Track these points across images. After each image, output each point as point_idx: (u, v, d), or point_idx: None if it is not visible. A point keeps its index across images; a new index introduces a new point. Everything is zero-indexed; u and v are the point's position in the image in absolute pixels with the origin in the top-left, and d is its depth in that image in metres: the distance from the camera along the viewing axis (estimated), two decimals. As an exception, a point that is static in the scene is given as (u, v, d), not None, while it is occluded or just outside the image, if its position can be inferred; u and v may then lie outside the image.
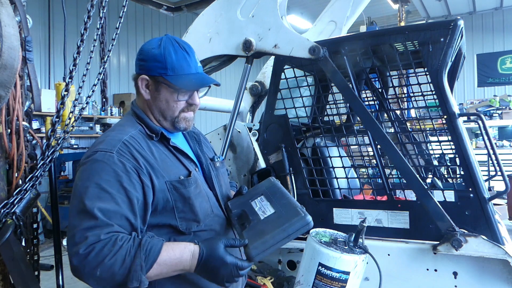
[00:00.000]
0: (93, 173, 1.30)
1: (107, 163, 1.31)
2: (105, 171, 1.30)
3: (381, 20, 11.21)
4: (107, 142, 1.37)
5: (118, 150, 1.34)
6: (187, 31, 2.76)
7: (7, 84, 1.68)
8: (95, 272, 1.20)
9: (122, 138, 1.39)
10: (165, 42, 1.49)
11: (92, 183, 1.28)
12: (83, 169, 1.33)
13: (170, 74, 1.45)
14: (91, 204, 1.25)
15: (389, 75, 2.85)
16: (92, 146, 1.41)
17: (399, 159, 2.25)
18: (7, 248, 1.84)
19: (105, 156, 1.32)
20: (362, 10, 3.60)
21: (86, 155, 1.37)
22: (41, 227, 6.81)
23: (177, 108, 1.49)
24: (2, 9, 1.64)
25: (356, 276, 1.95)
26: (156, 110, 1.51)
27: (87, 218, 1.24)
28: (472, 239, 2.09)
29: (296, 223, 1.39)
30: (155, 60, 1.47)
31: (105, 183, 1.28)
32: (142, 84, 1.50)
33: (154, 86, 1.49)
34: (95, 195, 1.26)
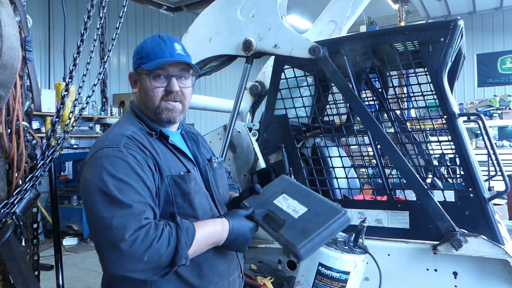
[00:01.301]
0: (107, 167, 1.29)
1: (118, 157, 1.31)
2: (118, 164, 1.30)
3: (381, 20, 11.21)
4: (111, 138, 1.38)
5: (124, 144, 1.35)
6: (187, 31, 2.76)
7: (7, 84, 1.68)
8: (143, 257, 1.20)
9: (125, 133, 1.40)
10: (150, 40, 1.50)
11: (109, 176, 1.27)
12: (94, 166, 1.32)
13: (145, 62, 1.46)
14: (118, 194, 1.25)
15: (389, 75, 2.85)
16: (95, 145, 1.41)
17: (399, 159, 2.26)
18: (7, 248, 1.84)
19: (114, 151, 1.32)
20: (362, 10, 3.60)
21: (91, 153, 1.37)
22: (41, 227, 6.79)
23: (155, 96, 1.46)
24: (2, 9, 1.64)
25: (356, 276, 1.95)
26: (142, 104, 1.51)
27: (120, 207, 1.24)
28: (472, 239, 2.09)
29: (338, 220, 1.40)
30: (137, 53, 1.50)
31: (123, 175, 1.28)
32: (131, 80, 1.53)
33: (137, 78, 1.51)
34: (117, 186, 1.26)
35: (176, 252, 1.24)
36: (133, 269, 1.21)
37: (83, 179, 1.32)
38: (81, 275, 5.42)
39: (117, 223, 1.20)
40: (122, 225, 1.21)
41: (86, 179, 1.30)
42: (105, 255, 1.21)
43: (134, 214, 1.24)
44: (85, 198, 1.29)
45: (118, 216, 1.22)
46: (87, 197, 1.28)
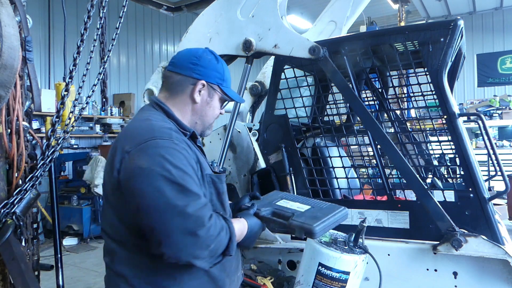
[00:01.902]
0: (167, 157, 1.30)
1: (174, 149, 1.34)
2: (176, 155, 1.33)
3: (381, 20, 11.21)
4: (159, 130, 1.38)
5: (176, 137, 1.39)
6: (187, 31, 2.76)
7: (7, 84, 1.68)
8: (211, 244, 1.29)
9: (172, 128, 1.44)
10: (218, 57, 1.60)
11: (171, 166, 1.29)
12: (149, 154, 1.31)
13: (225, 85, 1.59)
14: (186, 184, 1.29)
15: (389, 75, 2.85)
16: (137, 135, 1.38)
17: (399, 159, 2.25)
18: (7, 248, 1.84)
19: (169, 143, 1.34)
20: (362, 10, 3.60)
21: (135, 142, 1.34)
22: (41, 227, 6.80)
23: (216, 115, 1.61)
24: (2, 9, 1.65)
25: (356, 276, 1.95)
26: (197, 115, 1.56)
27: (191, 196, 1.29)
28: (472, 239, 2.09)
29: (341, 212, 1.62)
30: (216, 70, 1.56)
31: (182, 166, 1.32)
32: (198, 88, 1.53)
33: (208, 92, 1.56)
34: (181, 177, 1.30)
35: (229, 243, 1.35)
36: (199, 256, 1.28)
37: (136, 167, 1.29)
38: (81, 275, 5.42)
39: (192, 211, 1.26)
40: (198, 213, 1.27)
41: (142, 167, 1.28)
42: (175, 241, 1.25)
43: (204, 203, 1.32)
44: (143, 186, 1.27)
45: (192, 205, 1.27)
46: (146, 184, 1.27)
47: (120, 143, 1.38)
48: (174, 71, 1.55)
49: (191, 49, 1.63)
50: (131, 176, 1.30)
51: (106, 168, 1.44)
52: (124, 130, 1.50)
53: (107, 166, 1.42)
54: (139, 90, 9.92)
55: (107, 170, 1.41)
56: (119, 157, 1.34)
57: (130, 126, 1.50)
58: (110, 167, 1.37)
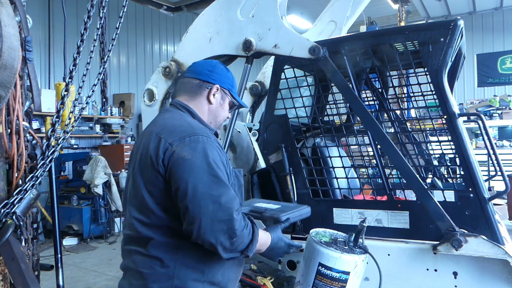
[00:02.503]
0: (207, 152, 1.52)
1: (212, 146, 1.56)
2: (214, 151, 1.55)
3: (381, 20, 11.21)
4: (198, 128, 1.61)
5: (211, 135, 1.63)
6: (187, 31, 2.76)
7: (7, 84, 1.68)
8: (234, 235, 1.46)
9: (206, 127, 1.70)
10: (227, 68, 1.87)
11: (211, 160, 1.51)
12: (192, 148, 1.51)
13: (234, 91, 1.84)
14: (221, 176, 1.51)
15: (389, 75, 2.85)
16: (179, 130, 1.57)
17: (399, 159, 2.25)
18: (7, 248, 1.84)
19: (208, 140, 1.57)
20: (362, 10, 3.60)
21: (178, 136, 1.54)
22: (41, 227, 6.81)
23: (225, 117, 1.86)
24: (2, 9, 1.65)
25: (356, 276, 1.95)
26: (212, 115, 1.80)
27: (224, 188, 1.50)
28: (472, 239, 2.09)
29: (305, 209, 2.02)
30: (227, 77, 1.82)
31: (218, 161, 1.54)
32: (213, 91, 1.77)
33: (221, 96, 1.80)
34: (217, 170, 1.51)
35: (250, 243, 1.52)
36: (222, 243, 1.45)
37: (180, 157, 1.49)
38: (81, 275, 5.42)
39: (224, 202, 1.46)
40: (228, 204, 1.47)
41: (185, 158, 1.49)
42: (205, 225, 1.43)
43: (234, 196, 1.52)
44: (186, 174, 1.47)
45: (224, 196, 1.47)
46: (189, 173, 1.47)
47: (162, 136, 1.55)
48: (193, 76, 1.79)
49: (205, 60, 1.98)
50: (176, 165, 1.49)
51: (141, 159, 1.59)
52: (159, 125, 1.65)
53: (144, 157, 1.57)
54: (139, 90, 9.92)
55: (145, 162, 1.56)
56: (163, 148, 1.52)
57: (166, 122, 1.66)
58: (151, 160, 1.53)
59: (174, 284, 1.52)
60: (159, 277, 1.53)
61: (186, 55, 2.73)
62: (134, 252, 1.58)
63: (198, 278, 1.54)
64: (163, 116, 1.75)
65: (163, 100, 2.79)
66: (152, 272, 1.53)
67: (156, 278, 1.53)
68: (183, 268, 1.53)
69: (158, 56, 10.97)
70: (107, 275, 5.43)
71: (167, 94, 2.79)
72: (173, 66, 2.72)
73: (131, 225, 1.59)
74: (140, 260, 1.56)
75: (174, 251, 1.54)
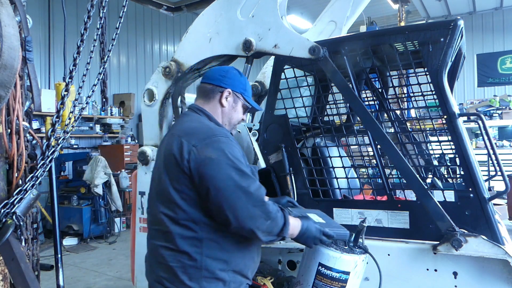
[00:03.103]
0: (230, 151, 1.67)
1: (231, 144, 1.71)
2: (235, 150, 1.70)
3: (381, 20, 11.21)
4: (218, 130, 1.75)
5: (229, 135, 1.78)
6: (187, 31, 2.76)
7: (7, 84, 1.68)
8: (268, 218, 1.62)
9: (224, 129, 1.85)
10: (242, 73, 2.00)
11: (234, 157, 1.66)
12: (215, 148, 1.66)
13: (247, 95, 1.96)
14: (245, 170, 1.66)
15: (389, 75, 2.85)
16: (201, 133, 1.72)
17: (399, 159, 2.25)
18: (7, 248, 1.84)
19: (228, 141, 1.71)
20: (362, 10, 3.59)
21: (201, 138, 1.69)
22: (41, 227, 6.81)
23: (239, 119, 1.98)
24: (2, 9, 1.65)
25: (356, 276, 1.95)
26: (226, 117, 1.93)
27: (251, 180, 1.66)
28: (472, 239, 2.09)
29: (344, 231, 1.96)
30: (239, 82, 1.94)
31: (240, 158, 1.69)
32: (225, 94, 1.90)
33: (233, 99, 1.93)
34: (241, 165, 1.66)
35: (284, 227, 1.68)
36: (260, 227, 1.62)
37: (205, 157, 1.64)
38: (81, 275, 5.42)
39: (253, 190, 1.63)
40: (257, 192, 1.64)
41: (211, 157, 1.64)
42: (241, 214, 1.60)
43: (259, 185, 1.68)
44: (214, 172, 1.62)
45: (252, 186, 1.64)
46: (217, 171, 1.63)
47: (184, 138, 1.69)
48: (206, 82, 1.94)
49: (220, 66, 2.13)
50: (202, 165, 1.63)
51: (165, 159, 1.73)
52: (180, 128, 1.81)
53: (168, 158, 1.71)
54: (139, 90, 9.92)
55: (169, 161, 1.70)
56: (187, 149, 1.66)
57: (186, 125, 1.81)
58: (175, 159, 1.67)
59: (203, 275, 1.66)
60: (188, 269, 1.66)
61: (186, 55, 2.73)
62: (161, 247, 1.71)
63: (223, 268, 1.69)
64: (182, 120, 1.90)
65: (163, 100, 2.79)
66: (181, 265, 1.67)
67: (185, 271, 1.66)
68: (209, 259, 1.67)
69: (158, 56, 10.97)
70: (107, 275, 5.44)
71: (167, 94, 2.79)
72: (173, 66, 2.72)
73: (160, 220, 1.72)
74: (169, 255, 1.69)
75: (198, 245, 1.67)
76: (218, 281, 1.68)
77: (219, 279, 1.68)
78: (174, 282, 1.68)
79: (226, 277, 1.70)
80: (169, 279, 1.69)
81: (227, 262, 1.70)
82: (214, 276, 1.67)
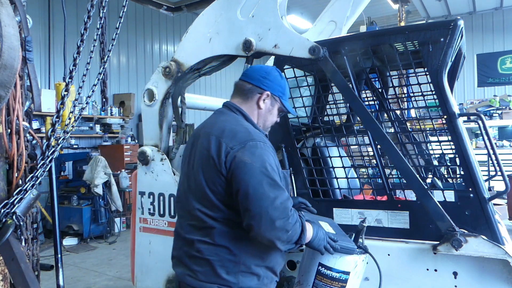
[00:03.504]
0: (265, 158, 1.68)
1: (269, 152, 1.72)
2: (270, 157, 1.71)
3: (381, 20, 11.21)
4: (255, 134, 1.76)
5: (266, 140, 1.78)
6: (187, 31, 2.76)
7: (7, 84, 1.68)
8: (289, 230, 1.62)
9: (262, 132, 1.86)
10: (282, 75, 2.01)
11: (268, 164, 1.67)
12: (252, 153, 1.67)
13: (284, 99, 1.97)
14: (276, 179, 1.66)
15: (389, 75, 2.85)
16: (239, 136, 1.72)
17: (399, 159, 2.25)
18: (7, 248, 1.84)
19: (266, 146, 1.73)
20: (362, 10, 3.60)
21: (239, 141, 1.69)
22: (41, 227, 6.81)
23: (274, 121, 2.00)
24: (2, 9, 1.65)
25: (356, 276, 1.95)
26: (261, 119, 1.94)
27: (280, 190, 1.65)
28: (472, 239, 2.09)
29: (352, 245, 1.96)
30: (279, 85, 1.94)
31: (274, 166, 1.70)
32: (264, 97, 1.90)
33: (270, 102, 1.93)
34: (273, 173, 1.67)
35: (301, 234, 1.68)
36: (280, 238, 1.63)
37: (241, 161, 1.65)
38: (81, 275, 5.42)
39: (280, 203, 1.62)
40: (284, 204, 1.63)
41: (246, 162, 1.65)
42: (264, 224, 1.60)
43: (287, 196, 1.67)
44: (247, 177, 1.64)
45: (280, 197, 1.63)
46: (249, 175, 1.64)
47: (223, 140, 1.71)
48: (246, 80, 1.93)
49: (262, 65, 2.07)
50: (237, 168, 1.65)
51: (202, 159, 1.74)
52: (217, 128, 1.78)
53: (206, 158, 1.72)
54: (139, 90, 9.93)
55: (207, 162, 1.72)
56: (225, 152, 1.68)
57: (223, 125, 1.79)
58: (213, 161, 1.69)
59: (240, 269, 1.71)
60: (226, 263, 1.70)
61: (186, 55, 2.73)
62: (198, 242, 1.73)
63: (259, 264, 1.74)
64: (219, 119, 1.87)
65: (163, 100, 2.79)
66: (219, 259, 1.70)
67: (223, 264, 1.70)
68: (247, 255, 1.72)
69: (158, 56, 10.97)
70: (107, 275, 5.44)
71: (167, 94, 2.79)
72: (173, 66, 2.72)
73: (196, 216, 1.74)
74: (206, 248, 1.71)
75: (239, 240, 1.71)
76: (253, 275, 1.73)
77: (254, 274, 1.73)
78: (209, 276, 1.70)
79: (260, 272, 1.75)
80: (205, 273, 1.70)
81: (263, 259, 1.75)
82: (250, 271, 1.72)
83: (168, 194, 2.73)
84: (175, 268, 1.86)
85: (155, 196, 2.78)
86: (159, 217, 2.76)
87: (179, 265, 1.82)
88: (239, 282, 1.70)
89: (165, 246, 2.73)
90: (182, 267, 1.79)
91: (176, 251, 1.87)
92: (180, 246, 1.83)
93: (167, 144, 2.89)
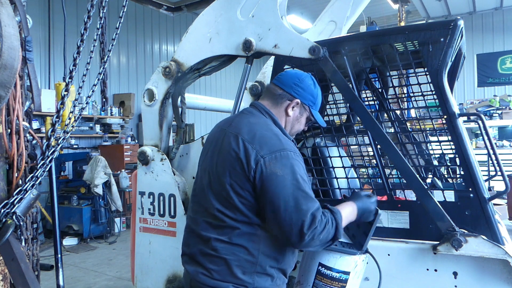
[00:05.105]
0: (296, 169, 1.67)
1: (299, 161, 1.71)
2: (301, 167, 1.71)
3: (381, 20, 11.21)
4: (286, 143, 1.74)
5: (296, 149, 1.78)
6: (187, 31, 2.76)
7: (7, 84, 1.68)
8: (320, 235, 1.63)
9: (292, 141, 1.86)
10: (316, 83, 1.98)
11: (299, 176, 1.66)
12: (283, 164, 1.66)
13: (314, 108, 1.95)
14: (308, 191, 1.66)
15: (389, 75, 2.85)
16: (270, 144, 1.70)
17: (399, 159, 2.25)
18: (7, 248, 1.84)
19: (296, 156, 1.72)
20: (362, 10, 3.59)
21: (270, 150, 1.67)
22: (41, 227, 6.81)
23: (300, 130, 1.99)
24: (2, 9, 1.65)
25: (356, 276, 1.95)
26: (289, 126, 1.93)
27: (311, 202, 1.65)
28: (472, 239, 2.09)
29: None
30: (311, 94, 1.92)
31: (304, 175, 1.69)
32: (293, 105, 1.89)
33: (299, 110, 1.92)
34: (304, 184, 1.66)
35: (336, 230, 1.70)
36: (312, 245, 1.65)
37: (272, 173, 1.64)
38: (81, 275, 5.43)
39: (311, 214, 1.61)
40: (314, 215, 1.62)
41: (277, 174, 1.64)
42: (295, 236, 1.61)
43: (318, 207, 1.66)
44: (278, 190, 1.63)
45: (311, 209, 1.62)
46: (280, 188, 1.63)
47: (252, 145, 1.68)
48: (278, 85, 1.92)
49: (297, 71, 2.08)
50: (269, 180, 1.63)
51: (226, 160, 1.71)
52: (247, 131, 1.74)
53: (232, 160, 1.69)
54: (139, 90, 9.93)
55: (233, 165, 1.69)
56: (254, 159, 1.66)
57: (253, 128, 1.75)
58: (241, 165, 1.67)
59: (256, 270, 1.70)
60: (243, 263, 1.69)
61: (186, 55, 2.73)
62: (215, 240, 1.71)
63: (273, 265, 1.74)
64: (248, 120, 1.82)
65: (163, 100, 2.79)
66: (236, 259, 1.68)
67: (240, 264, 1.68)
68: (264, 256, 1.71)
69: (158, 56, 10.97)
70: (107, 275, 5.44)
71: (167, 94, 2.79)
72: (173, 66, 2.72)
73: (215, 216, 1.72)
74: (223, 247, 1.70)
75: (257, 241, 1.70)
76: (268, 276, 1.73)
77: (268, 275, 1.73)
78: (225, 275, 1.68)
79: (274, 273, 1.75)
80: (220, 272, 1.68)
81: (278, 260, 1.75)
82: (265, 272, 1.72)
83: (168, 194, 2.73)
84: (186, 265, 1.81)
85: (155, 196, 2.78)
86: (159, 217, 2.77)
87: (191, 263, 1.78)
88: (255, 282, 1.70)
89: (165, 246, 2.73)
90: (194, 265, 1.75)
91: (188, 248, 1.83)
92: (194, 243, 1.79)
93: (167, 144, 2.89)
